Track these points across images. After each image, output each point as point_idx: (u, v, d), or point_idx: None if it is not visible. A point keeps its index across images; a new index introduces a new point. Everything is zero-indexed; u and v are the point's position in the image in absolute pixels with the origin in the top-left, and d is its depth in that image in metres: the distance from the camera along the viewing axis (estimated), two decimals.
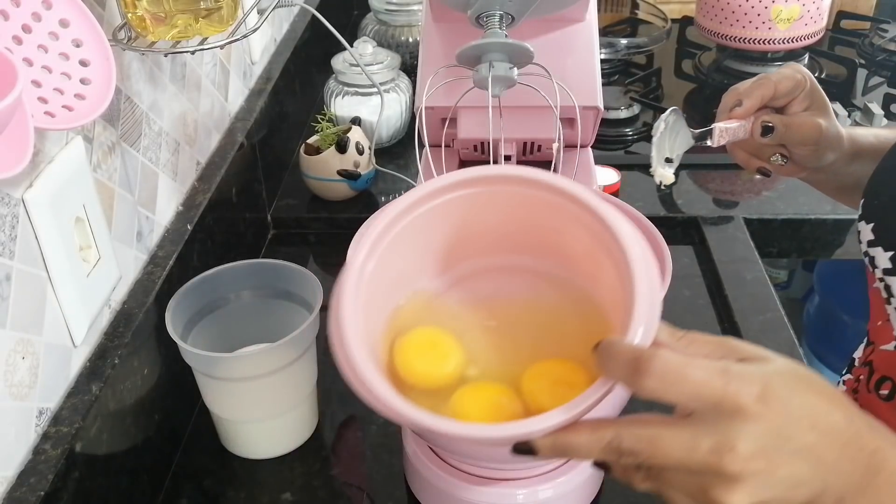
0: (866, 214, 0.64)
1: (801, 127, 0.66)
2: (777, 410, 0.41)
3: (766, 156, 0.69)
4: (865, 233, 0.63)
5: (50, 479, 0.57)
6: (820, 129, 0.66)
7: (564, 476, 0.70)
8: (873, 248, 0.62)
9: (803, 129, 0.66)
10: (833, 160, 0.70)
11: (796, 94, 0.67)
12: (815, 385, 0.43)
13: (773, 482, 0.41)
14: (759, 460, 0.40)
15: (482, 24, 0.70)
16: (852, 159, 0.72)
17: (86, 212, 0.65)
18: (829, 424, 0.42)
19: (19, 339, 0.58)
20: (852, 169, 0.72)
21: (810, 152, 0.68)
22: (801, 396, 0.42)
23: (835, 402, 0.42)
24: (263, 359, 0.73)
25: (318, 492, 0.76)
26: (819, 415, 0.42)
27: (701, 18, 1.44)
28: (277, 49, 1.22)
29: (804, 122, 0.66)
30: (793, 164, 0.70)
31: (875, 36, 1.50)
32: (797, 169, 0.70)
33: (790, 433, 0.41)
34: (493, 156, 0.74)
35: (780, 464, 0.41)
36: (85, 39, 0.57)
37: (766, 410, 0.40)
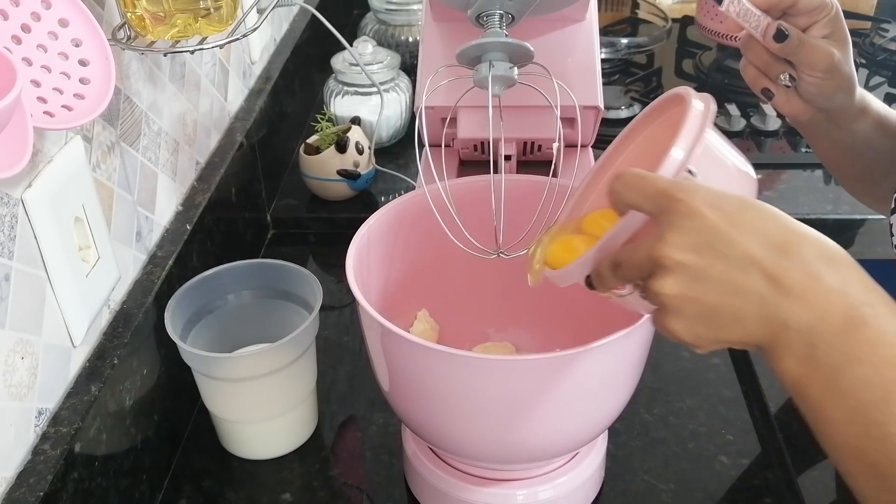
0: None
1: (815, 49, 0.65)
2: (725, 218, 0.43)
3: (775, 74, 0.68)
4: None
5: (49, 480, 0.57)
6: (833, 57, 0.65)
7: (564, 477, 0.70)
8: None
9: (817, 51, 0.65)
10: (840, 105, 0.69)
11: (819, 18, 0.65)
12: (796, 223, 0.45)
13: (706, 281, 0.43)
14: (689, 253, 0.43)
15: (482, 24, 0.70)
16: (859, 115, 0.71)
17: (85, 212, 0.65)
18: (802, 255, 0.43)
19: (18, 340, 0.57)
20: (856, 127, 0.71)
21: (819, 82, 0.66)
22: (760, 218, 0.44)
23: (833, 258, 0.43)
24: (263, 359, 0.72)
25: (318, 492, 0.75)
26: (790, 243, 0.43)
27: (701, 18, 1.44)
28: (277, 49, 1.22)
29: (819, 45, 0.65)
30: (799, 97, 0.68)
31: (875, 36, 1.49)
32: (802, 106, 0.69)
33: (733, 239, 0.43)
34: (493, 155, 0.74)
35: (714, 264, 0.43)
36: (84, 39, 0.57)
37: (712, 213, 0.43)
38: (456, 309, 0.79)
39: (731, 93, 1.37)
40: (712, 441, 0.78)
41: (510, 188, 0.70)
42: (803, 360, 0.42)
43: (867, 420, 0.40)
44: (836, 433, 0.42)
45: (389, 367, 0.64)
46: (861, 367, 0.41)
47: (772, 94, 0.69)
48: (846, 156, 0.75)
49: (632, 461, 0.77)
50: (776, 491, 0.74)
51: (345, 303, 0.98)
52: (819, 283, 0.42)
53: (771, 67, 0.68)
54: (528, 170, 0.81)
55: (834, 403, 0.42)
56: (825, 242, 0.44)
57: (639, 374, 0.65)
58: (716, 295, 0.44)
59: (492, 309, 0.80)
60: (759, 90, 0.69)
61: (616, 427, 0.76)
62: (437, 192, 0.69)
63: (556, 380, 0.58)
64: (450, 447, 0.66)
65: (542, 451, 0.65)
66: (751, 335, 0.44)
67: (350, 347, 0.91)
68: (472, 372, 0.59)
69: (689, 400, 0.83)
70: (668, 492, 0.74)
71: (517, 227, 0.68)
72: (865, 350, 0.41)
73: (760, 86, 0.69)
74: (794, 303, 0.42)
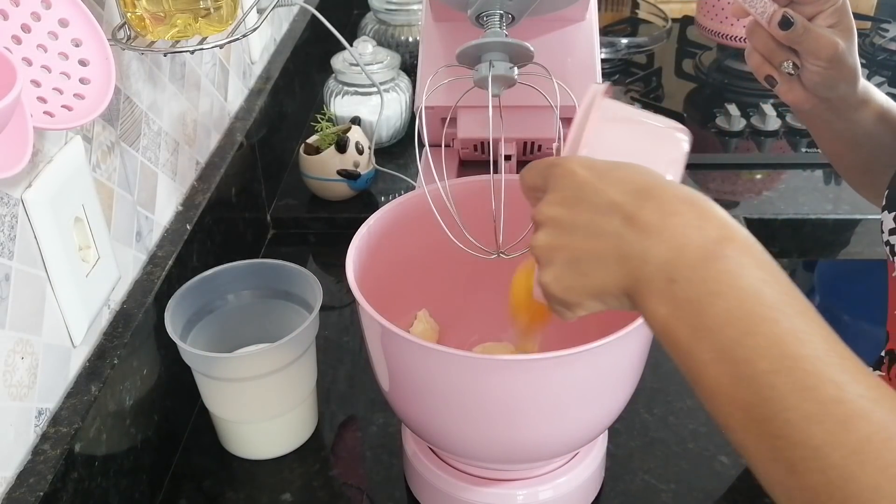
0: (890, 204, 0.65)
1: (819, 38, 0.65)
2: (594, 174, 0.46)
3: (778, 61, 0.68)
4: (888, 222, 0.64)
5: (49, 480, 0.57)
6: (837, 47, 0.65)
7: (564, 477, 0.70)
8: (894, 237, 0.63)
9: (821, 40, 0.65)
10: (842, 95, 0.69)
11: (825, 7, 0.65)
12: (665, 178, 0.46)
13: (572, 228, 0.46)
14: (559, 207, 0.46)
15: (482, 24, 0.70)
16: (860, 106, 0.71)
17: (85, 212, 0.65)
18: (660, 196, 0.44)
19: (18, 340, 0.57)
20: (857, 117, 0.71)
21: (822, 71, 0.66)
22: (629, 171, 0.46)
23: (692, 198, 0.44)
24: (263, 359, 0.72)
25: (318, 492, 0.75)
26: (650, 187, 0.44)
27: (701, 18, 1.44)
28: (277, 48, 1.22)
29: (823, 34, 0.65)
30: (801, 86, 0.69)
31: (876, 36, 1.49)
32: (804, 95, 0.69)
33: (598, 189, 0.45)
34: (493, 155, 0.74)
35: (580, 213, 0.45)
36: (84, 39, 0.57)
37: (583, 171, 0.46)
38: (456, 309, 0.79)
39: (731, 93, 1.37)
40: (712, 441, 0.78)
41: (510, 188, 0.70)
42: (666, 298, 0.42)
43: (734, 357, 0.39)
44: (707, 377, 0.41)
45: (389, 367, 0.64)
46: (723, 300, 0.40)
47: (775, 82, 0.69)
48: (847, 147, 0.75)
49: (632, 461, 0.77)
50: None
51: (345, 303, 0.98)
52: (674, 218, 0.43)
53: (775, 54, 0.68)
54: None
55: (700, 344, 0.41)
56: (684, 188, 0.44)
57: (639, 374, 0.65)
58: (580, 240, 0.45)
59: (492, 309, 0.80)
60: (763, 77, 0.70)
61: (616, 427, 0.76)
62: (437, 192, 0.69)
63: (556, 380, 0.58)
64: (450, 447, 0.66)
65: (542, 451, 0.65)
66: (614, 277, 0.44)
67: (350, 347, 0.91)
68: (472, 372, 0.59)
69: (689, 400, 0.83)
70: (668, 492, 0.74)
71: (517, 227, 0.68)
72: (725, 282, 0.40)
73: (764, 73, 0.69)
74: (650, 237, 0.43)
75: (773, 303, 0.39)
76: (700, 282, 0.41)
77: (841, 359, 0.38)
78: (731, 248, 0.41)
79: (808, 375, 0.37)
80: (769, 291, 0.40)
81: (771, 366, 0.38)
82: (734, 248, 0.41)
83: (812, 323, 0.39)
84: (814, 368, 0.37)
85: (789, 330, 0.38)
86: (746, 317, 0.39)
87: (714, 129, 1.27)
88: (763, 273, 0.40)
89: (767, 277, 0.40)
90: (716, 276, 0.40)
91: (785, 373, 0.37)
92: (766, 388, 0.38)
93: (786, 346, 0.38)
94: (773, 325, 0.39)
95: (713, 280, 0.40)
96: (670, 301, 0.42)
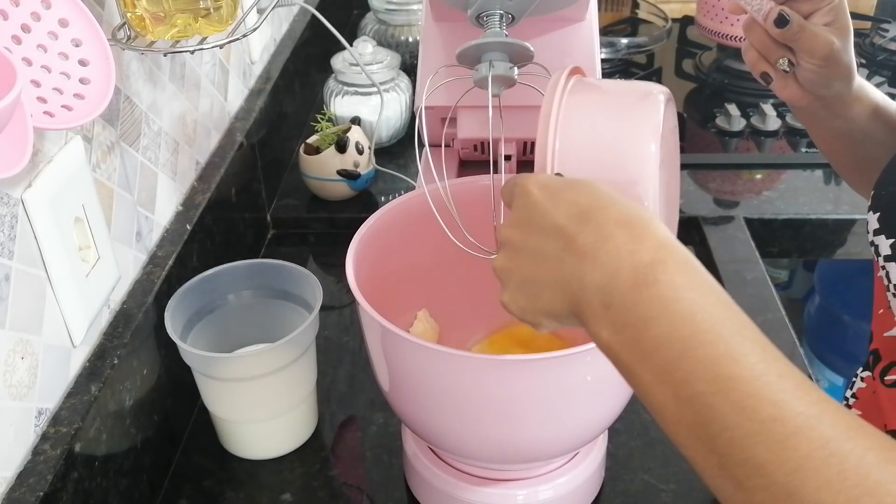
0: (875, 205, 0.65)
1: (815, 36, 0.65)
2: (546, 195, 0.47)
3: (774, 58, 0.68)
4: (872, 222, 0.64)
5: (49, 480, 0.57)
6: (832, 45, 0.65)
7: (564, 477, 0.70)
8: (878, 237, 0.64)
9: (816, 39, 0.65)
10: (837, 93, 0.70)
11: (822, 6, 0.65)
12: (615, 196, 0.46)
13: (523, 251, 0.47)
14: (514, 229, 0.48)
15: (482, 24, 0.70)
16: (855, 103, 0.71)
17: (85, 212, 0.65)
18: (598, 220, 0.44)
19: (18, 340, 0.57)
20: (852, 114, 0.71)
21: (817, 69, 0.67)
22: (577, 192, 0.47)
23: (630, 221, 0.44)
24: (263, 359, 0.72)
25: (318, 492, 0.75)
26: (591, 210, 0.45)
27: (701, 18, 1.44)
28: (277, 49, 1.22)
29: (819, 33, 0.65)
30: (797, 83, 0.69)
31: (876, 36, 1.49)
32: (799, 92, 0.69)
33: (546, 211, 0.46)
34: (493, 155, 0.74)
35: (530, 236, 0.47)
36: (84, 39, 0.57)
37: (537, 191, 0.47)
38: (456, 309, 0.79)
39: (731, 93, 1.37)
40: None
41: None
42: (605, 322, 0.42)
43: (673, 379, 0.40)
44: (652, 397, 0.41)
45: (389, 367, 0.64)
46: (656, 325, 0.40)
47: (771, 79, 0.70)
48: (843, 144, 0.75)
49: (632, 461, 0.77)
50: None
51: (345, 303, 0.98)
52: (609, 242, 0.43)
53: (771, 52, 0.68)
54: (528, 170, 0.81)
55: (642, 366, 0.41)
56: (626, 209, 0.45)
57: None
58: (529, 264, 0.47)
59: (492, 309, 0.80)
60: (759, 74, 0.70)
61: (616, 427, 0.76)
62: (437, 192, 0.69)
63: (556, 380, 0.58)
64: (450, 447, 0.66)
65: (542, 451, 0.65)
66: (559, 300, 0.45)
67: (350, 347, 0.91)
68: (472, 372, 0.59)
69: None
70: (668, 492, 0.74)
71: None
72: (657, 307, 0.41)
73: (760, 69, 0.70)
74: (585, 262, 0.43)
75: (706, 326, 0.40)
76: (633, 307, 0.41)
77: (779, 377, 0.38)
78: (664, 271, 0.41)
79: (745, 396, 0.38)
80: (702, 315, 0.40)
81: (708, 387, 0.38)
82: (667, 271, 0.41)
83: (748, 342, 0.39)
84: (751, 389, 0.38)
85: (724, 352, 0.39)
86: (680, 340, 0.40)
87: (714, 129, 1.27)
88: (697, 295, 0.41)
89: (701, 300, 0.41)
90: (648, 300, 0.41)
91: (723, 394, 0.38)
92: (706, 408, 0.38)
93: (721, 367, 0.38)
94: (707, 348, 0.39)
95: (646, 305, 0.41)
96: (609, 325, 0.42)
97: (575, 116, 0.54)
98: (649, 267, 0.42)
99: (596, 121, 0.54)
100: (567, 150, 0.54)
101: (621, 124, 0.54)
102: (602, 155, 0.54)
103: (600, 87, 0.57)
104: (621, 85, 0.58)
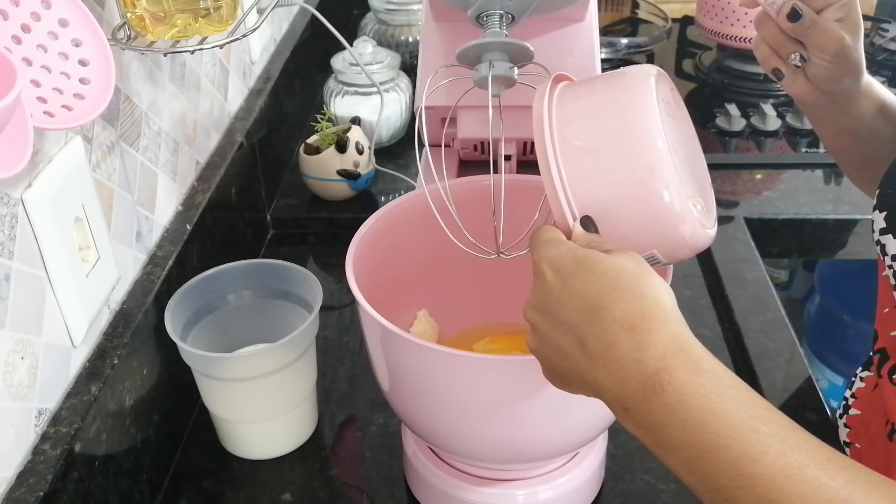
0: (880, 204, 0.66)
1: (826, 31, 0.66)
2: (559, 280, 0.47)
3: (786, 54, 0.69)
4: (878, 221, 0.64)
5: (49, 480, 0.57)
6: (843, 41, 0.66)
7: (564, 477, 0.70)
8: (884, 236, 0.64)
9: (828, 34, 0.66)
10: (845, 89, 0.70)
11: (834, 1, 0.66)
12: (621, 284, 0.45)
13: (546, 342, 0.48)
14: (536, 313, 0.48)
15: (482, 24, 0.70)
16: (863, 100, 0.71)
17: (85, 212, 0.65)
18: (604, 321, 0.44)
19: (18, 340, 0.57)
20: (859, 112, 0.72)
21: (827, 65, 0.67)
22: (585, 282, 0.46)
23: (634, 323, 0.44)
24: (263, 359, 0.72)
25: (318, 492, 0.75)
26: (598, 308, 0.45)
27: (701, 18, 1.44)
28: (277, 49, 1.22)
29: (830, 28, 0.66)
30: (806, 79, 0.69)
31: (876, 35, 1.49)
32: (808, 87, 0.69)
33: (560, 302, 0.46)
34: (493, 155, 0.74)
35: (549, 328, 0.47)
36: (84, 39, 0.57)
37: (549, 274, 0.47)
38: (456, 309, 0.79)
39: (731, 93, 1.37)
40: None
41: (510, 188, 0.70)
42: (627, 421, 0.45)
43: (698, 472, 0.41)
44: (683, 479, 0.43)
45: (389, 367, 0.64)
46: (671, 431, 0.42)
47: (782, 75, 0.70)
48: (849, 141, 0.75)
49: (632, 461, 0.77)
50: None
51: (345, 303, 0.98)
52: (614, 351, 0.44)
53: (783, 46, 0.68)
54: (528, 170, 0.81)
55: (667, 459, 0.43)
56: (633, 304, 0.45)
57: None
58: (553, 356, 0.48)
59: (492, 309, 0.80)
60: (770, 69, 0.71)
61: (616, 427, 0.76)
62: (437, 192, 0.69)
63: None
64: (450, 447, 0.66)
65: (542, 451, 0.65)
66: (585, 393, 0.47)
67: (350, 347, 0.91)
68: (472, 372, 0.59)
69: None
70: (668, 492, 0.74)
71: (517, 227, 0.68)
72: (668, 414, 0.42)
73: (772, 65, 0.70)
74: (598, 368, 0.45)
75: (719, 430, 0.41)
76: (647, 413, 0.43)
77: (801, 467, 0.39)
78: (670, 380, 0.42)
79: (769, 491, 0.39)
80: (714, 419, 0.41)
81: (731, 483, 0.40)
82: (672, 379, 0.42)
83: (765, 437, 0.40)
84: (773, 484, 0.39)
85: (742, 453, 0.40)
86: (696, 444, 0.41)
87: (714, 129, 1.27)
88: (705, 401, 0.42)
89: (711, 404, 0.42)
90: (659, 409, 0.42)
91: (747, 490, 0.40)
92: (734, 500, 0.40)
93: (740, 467, 0.40)
94: (723, 451, 0.40)
95: (657, 413, 0.42)
96: (630, 424, 0.44)
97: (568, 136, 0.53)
98: (655, 376, 0.43)
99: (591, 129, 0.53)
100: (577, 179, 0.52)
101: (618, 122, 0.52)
102: (610, 160, 0.52)
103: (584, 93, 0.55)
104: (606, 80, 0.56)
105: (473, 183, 0.74)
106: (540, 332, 0.48)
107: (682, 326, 0.45)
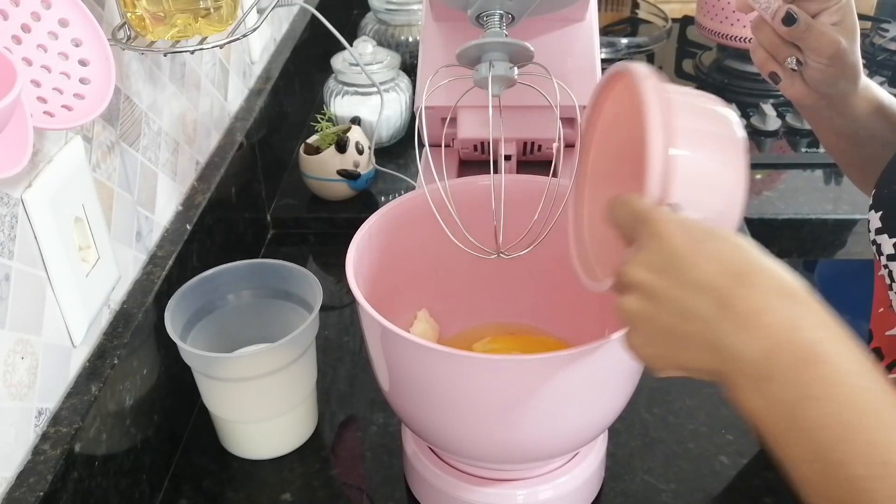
0: (876, 203, 0.66)
1: (822, 35, 0.66)
2: (689, 242, 0.44)
3: (782, 57, 0.69)
4: (874, 221, 0.65)
5: (49, 480, 0.57)
6: (839, 44, 0.66)
7: (564, 477, 0.70)
8: (880, 236, 0.64)
9: (823, 38, 0.66)
10: (842, 92, 0.70)
11: (830, 5, 0.66)
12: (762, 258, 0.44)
13: (661, 301, 0.44)
14: (649, 273, 0.45)
15: (482, 24, 0.70)
16: (861, 101, 0.72)
17: (85, 212, 0.65)
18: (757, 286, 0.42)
19: (18, 340, 0.57)
20: (858, 112, 0.72)
21: (823, 68, 0.67)
22: (721, 248, 0.44)
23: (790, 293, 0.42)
24: (263, 359, 0.72)
25: (318, 492, 0.75)
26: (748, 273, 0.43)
27: (701, 18, 1.44)
28: (277, 48, 1.22)
29: (826, 32, 0.66)
30: (803, 82, 0.70)
31: (876, 35, 1.49)
32: (805, 90, 0.70)
33: (694, 263, 0.43)
34: (493, 155, 0.74)
35: (671, 286, 0.44)
36: (84, 39, 0.57)
37: (677, 236, 0.44)
38: (456, 309, 0.79)
39: (731, 93, 1.37)
40: (712, 441, 0.78)
41: (510, 188, 0.70)
42: (760, 394, 0.42)
43: (828, 459, 0.40)
44: (799, 469, 0.41)
45: (389, 367, 0.64)
46: (819, 405, 0.40)
47: (779, 79, 0.70)
48: (848, 142, 0.75)
49: (632, 461, 0.77)
50: (776, 491, 0.74)
51: (345, 303, 0.98)
52: (767, 315, 0.42)
53: (779, 50, 0.69)
54: (528, 170, 0.81)
55: (794, 440, 0.41)
56: (783, 278, 0.43)
57: (639, 373, 0.65)
58: (669, 317, 0.45)
59: (492, 309, 0.80)
60: (767, 73, 0.71)
61: (616, 427, 0.76)
62: (437, 192, 0.69)
63: (555, 380, 0.58)
64: (450, 447, 0.66)
65: (542, 451, 0.65)
66: (703, 360, 0.44)
67: (350, 347, 0.91)
68: (472, 372, 0.59)
69: (689, 400, 0.83)
70: (668, 492, 0.74)
71: (517, 227, 0.68)
72: (821, 388, 0.40)
73: (769, 69, 0.70)
74: (744, 331, 0.42)
75: (869, 410, 0.40)
76: (795, 385, 0.41)
77: None
78: (827, 351, 0.41)
79: None
80: (866, 397, 0.40)
81: (867, 472, 0.38)
82: (830, 351, 0.41)
83: None
84: None
85: (885, 438, 0.39)
86: (843, 423, 0.40)
87: None
88: (858, 378, 0.40)
89: (862, 383, 0.40)
90: (812, 380, 0.40)
91: (881, 479, 0.38)
92: (861, 491, 0.39)
93: (882, 453, 0.39)
94: (869, 433, 0.39)
95: (809, 385, 0.40)
96: (764, 398, 0.42)
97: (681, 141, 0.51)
98: (813, 346, 0.41)
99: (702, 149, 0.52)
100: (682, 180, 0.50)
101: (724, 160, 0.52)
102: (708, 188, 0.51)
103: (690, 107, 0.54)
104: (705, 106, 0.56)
105: (473, 183, 0.74)
106: (651, 292, 0.45)
107: None
